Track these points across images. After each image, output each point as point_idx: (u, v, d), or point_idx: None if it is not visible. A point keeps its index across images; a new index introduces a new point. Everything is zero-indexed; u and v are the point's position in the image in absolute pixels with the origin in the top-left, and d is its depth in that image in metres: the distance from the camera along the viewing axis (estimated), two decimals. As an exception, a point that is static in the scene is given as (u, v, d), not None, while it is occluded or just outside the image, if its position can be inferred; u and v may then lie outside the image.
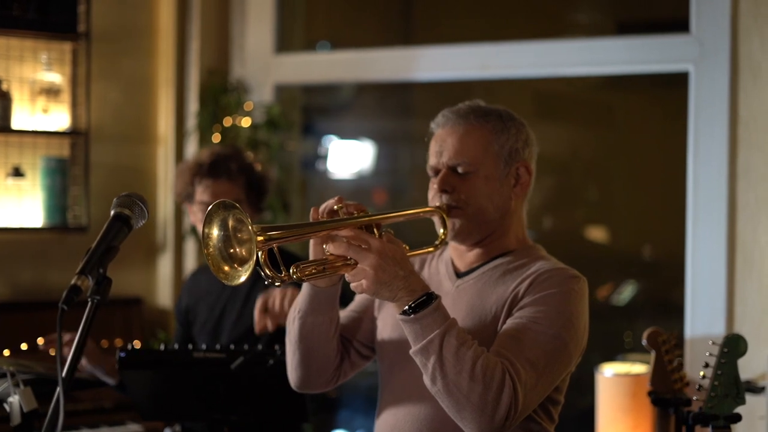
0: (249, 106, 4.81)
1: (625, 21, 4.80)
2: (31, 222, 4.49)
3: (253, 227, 1.97)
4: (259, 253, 2.01)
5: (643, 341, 3.28)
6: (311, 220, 2.21)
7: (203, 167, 3.65)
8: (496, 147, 2.45)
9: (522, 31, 4.70)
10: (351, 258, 2.13)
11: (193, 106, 4.84)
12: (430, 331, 2.12)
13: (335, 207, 2.20)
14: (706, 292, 3.95)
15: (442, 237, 2.42)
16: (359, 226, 2.16)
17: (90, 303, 1.88)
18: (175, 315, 3.92)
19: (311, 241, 2.25)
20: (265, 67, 4.93)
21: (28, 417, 2.72)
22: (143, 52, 4.87)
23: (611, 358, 4.33)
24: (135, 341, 4.49)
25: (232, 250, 2.03)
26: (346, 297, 2.62)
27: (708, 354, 2.63)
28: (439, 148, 2.46)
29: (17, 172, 4.43)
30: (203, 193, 3.62)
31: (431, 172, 2.49)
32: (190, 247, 4.80)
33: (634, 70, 4.31)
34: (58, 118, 4.54)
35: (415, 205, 2.45)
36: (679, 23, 4.10)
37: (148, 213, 2.06)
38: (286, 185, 4.88)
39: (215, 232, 2.03)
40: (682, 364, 3.31)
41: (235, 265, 2.03)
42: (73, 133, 4.56)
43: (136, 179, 4.84)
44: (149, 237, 4.88)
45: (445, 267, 2.53)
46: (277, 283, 2.07)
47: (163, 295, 4.82)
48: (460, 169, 2.42)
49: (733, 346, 2.63)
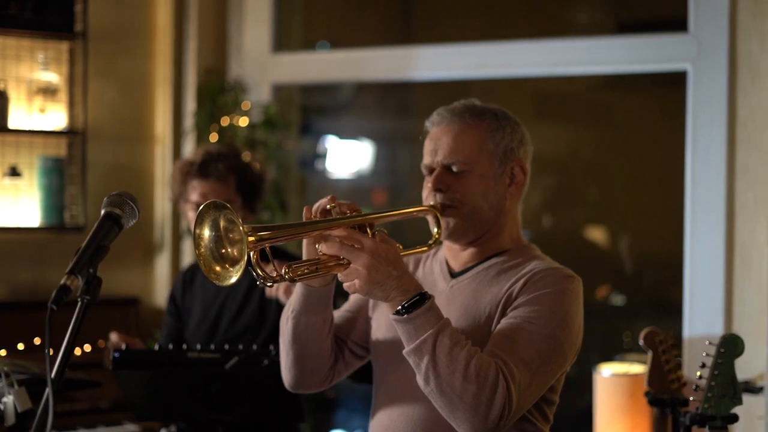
0: (246, 105, 4.80)
1: (624, 20, 4.79)
2: (28, 222, 4.49)
3: (244, 227, 1.96)
4: (251, 253, 2.00)
5: (640, 341, 3.27)
6: (304, 220, 2.19)
7: (193, 167, 3.65)
8: (491, 146, 2.43)
9: (522, 30, 4.69)
10: (344, 258, 2.12)
11: (190, 105, 4.83)
12: (423, 331, 2.11)
13: (328, 206, 2.19)
14: (705, 292, 3.93)
15: (436, 236, 2.40)
16: (352, 225, 2.15)
17: (80, 303, 1.87)
18: (167, 308, 3.87)
19: (304, 241, 2.24)
20: (263, 66, 4.92)
21: (23, 417, 2.71)
22: (140, 52, 4.86)
23: (610, 358, 4.32)
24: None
25: (223, 251, 2.02)
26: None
27: (705, 354, 2.61)
28: (434, 146, 2.44)
29: (14, 172, 4.43)
30: (192, 193, 3.62)
31: (425, 171, 2.47)
32: (187, 247, 4.78)
33: (632, 69, 4.30)
34: (55, 117, 4.53)
35: (414, 204, 2.44)
36: (677, 22, 4.09)
37: (139, 212, 2.05)
38: (283, 185, 4.87)
39: (206, 233, 2.02)
40: (679, 364, 3.30)
41: (227, 265, 2.01)
42: (70, 132, 4.56)
43: (133, 179, 4.82)
44: (146, 237, 4.88)
45: (440, 267, 2.52)
46: (269, 284, 2.05)
47: (161, 295, 4.81)
48: (455, 168, 2.41)
49: (730, 346, 2.60)
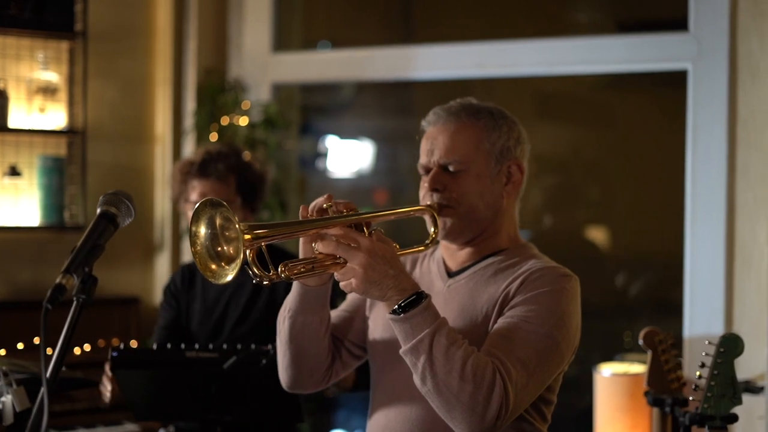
0: (246, 105, 4.80)
1: (624, 20, 4.78)
2: (28, 221, 4.49)
3: (240, 225, 1.96)
4: (247, 251, 1.99)
5: (640, 341, 3.26)
6: (301, 219, 2.18)
7: (193, 167, 3.64)
8: (488, 145, 2.42)
9: (522, 30, 4.68)
10: (340, 257, 2.11)
11: (190, 105, 4.83)
12: (420, 330, 2.10)
13: (324, 205, 2.18)
14: (705, 291, 3.93)
15: (433, 236, 2.39)
16: (349, 224, 2.14)
17: (75, 302, 1.87)
18: (163, 300, 3.83)
19: (301, 240, 2.23)
20: (263, 66, 4.91)
21: (22, 416, 2.71)
22: (140, 51, 4.86)
23: (611, 358, 4.31)
24: (132, 341, 4.48)
25: (219, 249, 2.01)
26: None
27: (704, 354, 2.60)
28: (430, 146, 2.44)
29: (14, 171, 4.43)
30: (192, 193, 3.62)
31: (422, 171, 2.47)
32: (187, 246, 4.78)
33: (632, 68, 4.29)
34: (55, 117, 4.53)
35: (412, 204, 2.43)
36: (678, 22, 4.08)
37: (135, 211, 2.04)
38: (283, 184, 4.87)
39: (202, 230, 2.01)
40: (679, 364, 3.29)
41: (223, 263, 2.01)
42: (70, 132, 4.56)
43: (133, 178, 4.82)
44: (146, 236, 4.87)
45: (437, 266, 2.51)
46: (265, 282, 2.05)
47: (160, 294, 4.80)
48: (452, 168, 2.40)
49: (730, 346, 2.59)
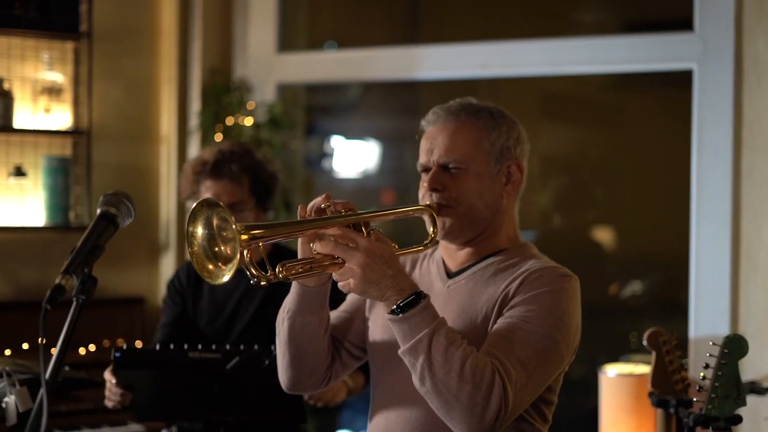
0: (251, 105, 4.80)
1: (630, 20, 4.77)
2: (33, 221, 4.50)
3: (236, 226, 1.95)
4: (245, 251, 1.99)
5: (644, 342, 3.25)
6: (299, 219, 2.18)
7: (206, 166, 3.60)
8: (487, 145, 2.41)
9: (529, 30, 4.67)
10: (338, 257, 2.10)
11: (195, 105, 4.83)
12: (419, 330, 2.09)
13: (323, 205, 2.17)
14: (711, 292, 3.92)
15: (432, 236, 2.38)
16: (347, 224, 2.14)
17: (75, 302, 1.87)
18: (166, 296, 3.80)
19: (299, 240, 2.22)
20: (268, 66, 4.91)
21: (25, 417, 2.71)
22: (145, 52, 4.86)
23: (618, 358, 4.30)
24: (137, 341, 4.48)
25: (216, 249, 2.01)
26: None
27: (708, 355, 2.59)
28: (430, 145, 2.43)
29: (19, 172, 4.43)
30: (205, 193, 3.59)
31: (421, 170, 2.46)
32: (192, 246, 4.77)
33: (637, 68, 4.29)
34: (60, 117, 4.54)
35: (412, 204, 2.42)
36: (683, 22, 4.07)
37: (135, 211, 2.04)
38: (288, 184, 4.87)
39: (199, 231, 2.01)
40: (683, 365, 3.28)
41: (220, 263, 2.00)
42: (75, 132, 4.56)
43: (138, 179, 4.83)
44: (151, 237, 4.88)
45: (436, 267, 2.50)
46: (262, 282, 2.04)
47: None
48: (451, 167, 2.39)
49: (734, 347, 2.58)
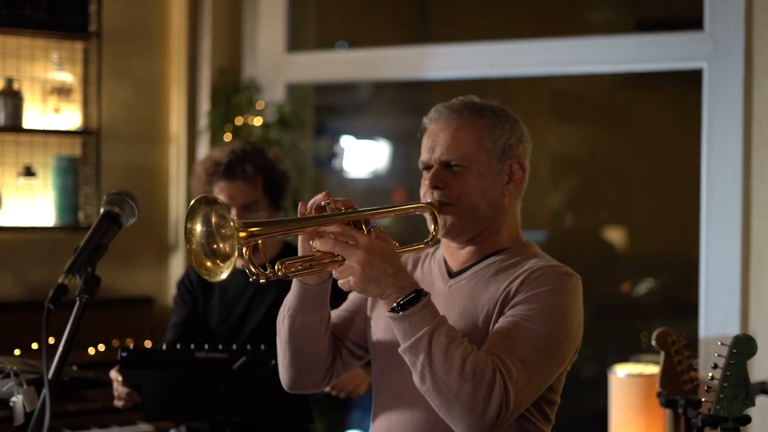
0: (260, 105, 4.80)
1: (640, 20, 4.75)
2: (43, 221, 4.51)
3: (235, 223, 1.94)
4: (244, 249, 1.98)
5: (652, 342, 3.24)
6: (299, 216, 2.17)
7: (220, 167, 3.59)
8: (490, 143, 2.40)
9: (538, 30, 4.66)
10: (338, 254, 2.09)
11: (204, 105, 4.83)
12: (419, 328, 2.08)
13: (323, 203, 2.16)
14: (721, 292, 3.90)
15: (433, 233, 2.37)
16: (347, 222, 2.13)
17: (78, 302, 1.86)
18: (177, 295, 3.80)
19: (299, 238, 2.22)
20: (277, 66, 4.91)
21: (32, 417, 2.71)
22: (154, 52, 4.87)
23: (628, 358, 4.29)
24: (146, 341, 4.48)
25: (215, 246, 2.00)
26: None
27: (717, 354, 2.58)
28: (432, 143, 2.42)
29: (29, 172, 4.45)
30: (219, 194, 3.57)
31: (423, 168, 2.45)
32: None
33: (647, 68, 4.27)
34: (70, 117, 4.55)
35: (412, 202, 2.41)
36: (693, 21, 4.05)
37: (138, 211, 2.04)
38: (298, 184, 4.86)
39: (198, 228, 2.00)
40: (692, 365, 3.26)
41: (218, 261, 1.99)
42: (84, 132, 4.57)
43: (147, 178, 4.83)
44: (160, 237, 4.88)
45: (438, 267, 2.49)
46: (261, 280, 2.04)
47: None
48: (453, 164, 2.38)
49: (743, 347, 2.57)
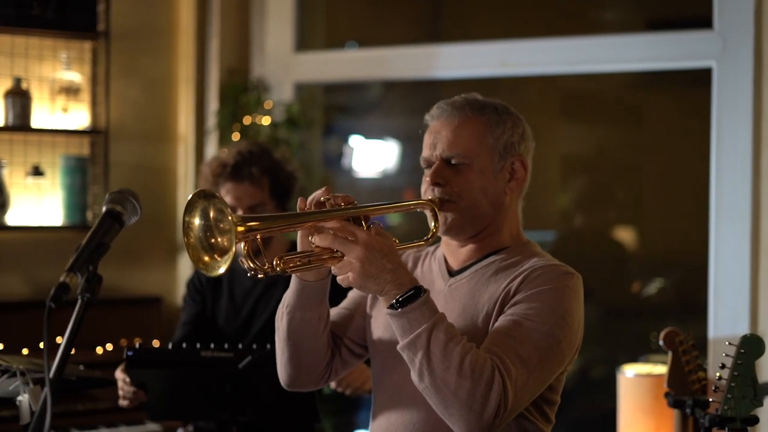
0: (269, 104, 4.79)
1: (649, 18, 4.74)
2: (51, 221, 4.51)
3: (233, 217, 1.94)
4: (242, 244, 1.98)
5: (660, 342, 3.22)
6: (298, 211, 2.16)
7: (226, 169, 3.59)
8: (491, 140, 2.39)
9: (550, 29, 4.65)
10: (337, 250, 2.08)
11: (213, 104, 4.83)
12: (418, 325, 2.07)
13: (322, 198, 2.15)
14: (730, 292, 3.89)
15: (434, 231, 2.35)
16: (347, 217, 2.12)
17: (80, 301, 1.86)
18: (186, 294, 3.82)
19: (299, 233, 2.20)
20: (285, 65, 4.91)
21: (38, 416, 2.71)
22: (163, 51, 4.87)
23: (637, 358, 4.28)
24: (154, 340, 4.48)
25: (213, 240, 1.99)
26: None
27: (724, 354, 2.56)
28: (433, 140, 2.41)
29: (37, 171, 4.45)
30: (226, 196, 3.57)
31: (424, 164, 2.44)
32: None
33: (656, 66, 4.26)
34: (78, 116, 4.55)
35: (414, 199, 2.40)
36: (703, 20, 4.04)
37: (141, 209, 2.03)
38: (306, 184, 4.86)
39: (196, 222, 1.99)
40: (700, 365, 3.25)
41: (216, 255, 1.98)
42: (92, 131, 4.58)
43: (155, 178, 4.84)
44: (169, 236, 4.88)
45: (438, 265, 2.48)
46: (259, 275, 2.03)
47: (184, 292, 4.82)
48: (454, 161, 2.37)
49: (751, 347, 2.55)
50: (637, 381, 3.74)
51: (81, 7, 4.51)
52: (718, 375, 2.55)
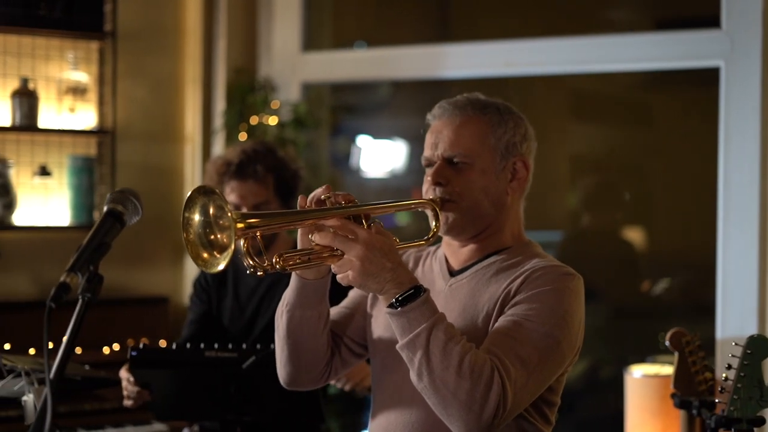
0: (276, 104, 4.79)
1: (657, 18, 4.72)
2: (58, 221, 4.52)
3: (232, 214, 1.93)
4: (242, 241, 1.97)
5: (666, 342, 3.21)
6: (298, 209, 2.15)
7: (231, 167, 3.60)
8: (493, 140, 2.38)
9: (558, 28, 4.63)
10: (337, 248, 2.08)
11: (220, 104, 4.83)
12: (417, 324, 2.06)
13: (323, 196, 2.14)
14: (738, 292, 3.87)
15: (435, 230, 2.34)
16: (347, 216, 2.11)
17: (80, 300, 1.86)
18: (192, 294, 3.83)
19: (299, 231, 2.19)
20: (292, 65, 4.91)
21: (42, 416, 2.71)
22: (170, 51, 4.87)
23: (645, 359, 4.27)
24: (161, 340, 4.48)
25: (212, 237, 1.98)
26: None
27: (731, 355, 2.55)
28: (435, 139, 2.41)
29: (44, 171, 4.46)
30: (230, 194, 3.58)
31: (426, 164, 2.44)
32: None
33: (664, 66, 4.25)
34: (85, 116, 4.56)
35: (416, 198, 2.40)
36: (711, 19, 4.02)
37: (142, 209, 2.03)
38: (314, 184, 4.85)
39: (196, 218, 1.99)
40: (707, 366, 3.23)
41: (215, 252, 1.98)
42: (99, 131, 4.59)
43: (162, 178, 4.84)
44: (176, 236, 4.87)
45: (439, 265, 2.47)
46: (259, 273, 2.02)
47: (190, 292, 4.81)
48: (456, 161, 2.37)
49: (758, 348, 2.54)
50: (644, 382, 3.73)
51: (88, 7, 4.52)
52: (724, 376, 2.54)
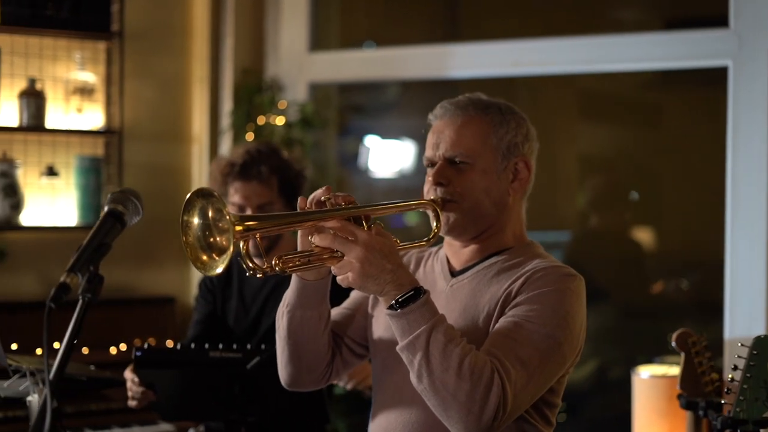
0: (283, 104, 4.79)
1: (665, 17, 4.71)
2: (65, 221, 4.52)
3: (231, 216, 1.93)
4: (240, 243, 1.97)
5: (672, 343, 3.20)
6: (298, 210, 2.15)
7: (235, 168, 3.60)
8: (495, 140, 2.37)
9: (566, 28, 4.62)
10: (337, 250, 2.07)
11: (227, 104, 4.83)
12: (417, 326, 2.06)
13: (323, 198, 2.14)
14: (746, 292, 3.86)
15: (436, 231, 2.34)
16: (347, 217, 2.10)
17: (81, 301, 1.86)
18: (198, 294, 3.83)
19: (299, 233, 2.19)
20: (299, 65, 4.90)
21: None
22: (177, 51, 4.87)
23: (653, 359, 4.26)
24: (168, 341, 4.49)
25: (211, 240, 1.99)
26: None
27: (737, 356, 2.53)
28: (436, 139, 2.40)
29: (51, 171, 4.46)
30: (234, 195, 3.59)
31: (427, 164, 2.43)
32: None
33: (672, 65, 4.24)
34: (92, 117, 4.56)
35: (417, 198, 2.39)
36: (719, 18, 4.01)
37: (143, 210, 2.03)
38: (321, 184, 4.84)
39: (195, 221, 1.99)
40: (713, 367, 3.22)
41: (214, 255, 1.98)
42: (107, 132, 4.59)
43: (170, 178, 4.84)
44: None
45: (440, 266, 2.46)
46: (258, 275, 2.02)
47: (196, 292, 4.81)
48: (457, 161, 2.36)
49: (763, 349, 2.53)
50: (652, 382, 3.71)
51: (95, 7, 4.52)
52: (730, 377, 2.53)
